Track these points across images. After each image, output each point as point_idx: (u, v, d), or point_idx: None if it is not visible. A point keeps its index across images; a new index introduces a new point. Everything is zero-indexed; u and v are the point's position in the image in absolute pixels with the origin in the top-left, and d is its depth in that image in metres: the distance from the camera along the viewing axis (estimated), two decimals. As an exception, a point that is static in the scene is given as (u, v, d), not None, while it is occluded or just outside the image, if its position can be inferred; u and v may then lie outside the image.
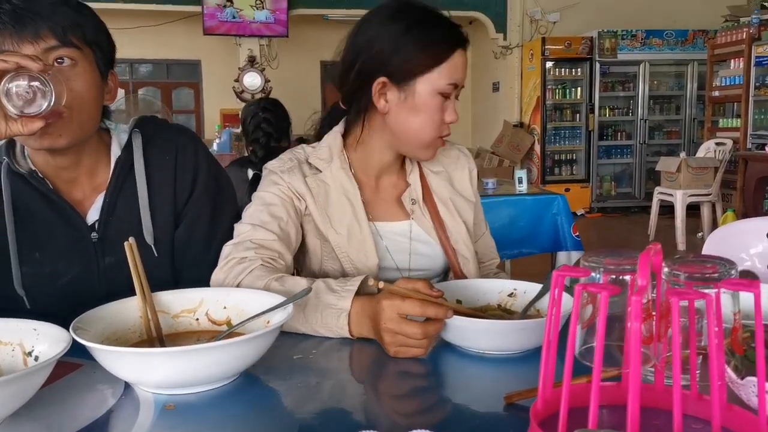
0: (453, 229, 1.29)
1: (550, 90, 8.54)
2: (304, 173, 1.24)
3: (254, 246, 1.14)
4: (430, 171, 1.34)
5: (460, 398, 0.84)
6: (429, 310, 0.90)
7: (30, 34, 0.99)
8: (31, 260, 1.12)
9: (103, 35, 1.11)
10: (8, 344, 0.85)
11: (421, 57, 1.15)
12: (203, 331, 1.00)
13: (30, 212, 1.12)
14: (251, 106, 2.89)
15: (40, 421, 0.76)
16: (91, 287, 1.15)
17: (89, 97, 1.07)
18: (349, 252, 1.22)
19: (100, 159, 1.18)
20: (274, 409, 0.82)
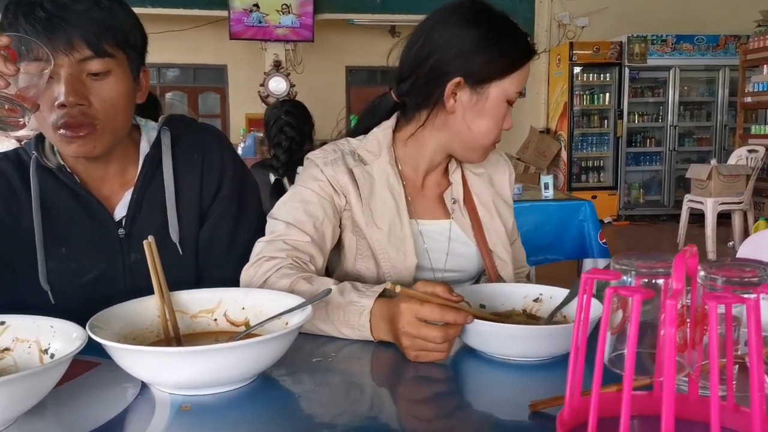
0: (492, 231, 1.28)
1: (578, 95, 8.44)
2: (349, 165, 1.23)
3: (287, 247, 1.13)
4: (472, 172, 1.32)
5: (484, 405, 0.81)
6: (448, 315, 0.87)
7: (63, 44, 0.98)
8: (57, 255, 1.11)
9: (136, 30, 1.10)
10: (25, 341, 0.84)
11: (499, 63, 1.15)
12: (221, 332, 0.99)
13: (57, 207, 1.12)
14: (273, 108, 2.89)
15: (54, 419, 0.75)
16: (116, 284, 1.14)
17: (121, 104, 1.07)
18: (389, 249, 1.20)
19: (129, 156, 1.18)
20: (292, 412, 0.80)
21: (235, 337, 0.92)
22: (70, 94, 0.98)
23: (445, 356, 0.90)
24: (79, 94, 0.99)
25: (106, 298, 1.01)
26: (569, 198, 3.59)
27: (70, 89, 0.98)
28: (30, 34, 0.98)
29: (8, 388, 0.67)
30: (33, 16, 0.98)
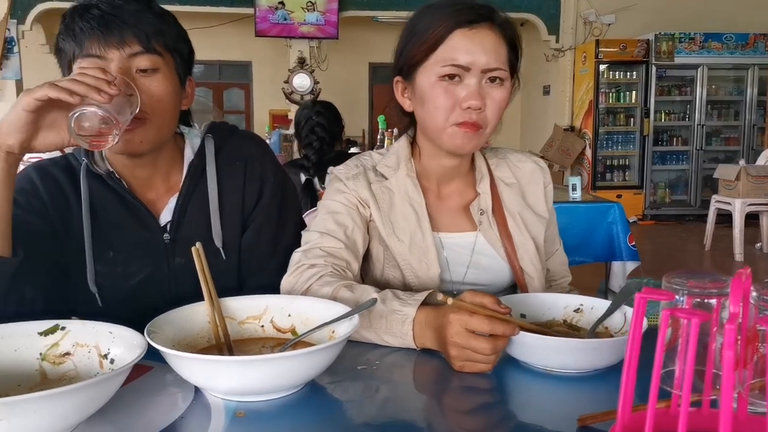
0: (520, 244, 1.25)
1: (604, 93, 8.38)
2: (369, 180, 1.25)
3: (323, 254, 1.15)
4: (503, 182, 1.29)
5: (530, 417, 0.82)
6: (497, 327, 0.88)
7: (116, 39, 1.03)
8: (105, 259, 1.15)
9: (183, 42, 1.15)
10: (85, 346, 0.87)
11: (416, 47, 1.15)
12: (268, 338, 1.01)
13: (105, 212, 1.16)
14: (305, 109, 2.91)
15: (115, 424, 0.77)
16: (160, 288, 1.18)
17: (168, 103, 1.10)
18: (411, 260, 1.21)
19: (174, 162, 1.21)
20: (342, 420, 0.81)
21: (284, 346, 0.94)
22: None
23: (491, 368, 0.91)
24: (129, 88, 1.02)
25: (151, 301, 1.08)
26: (598, 199, 3.56)
27: None
28: (85, 31, 1.03)
29: (74, 396, 0.69)
30: (88, 15, 1.03)
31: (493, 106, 1.13)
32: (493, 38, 1.12)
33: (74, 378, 0.85)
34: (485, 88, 1.12)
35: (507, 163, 1.32)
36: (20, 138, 0.93)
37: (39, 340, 0.87)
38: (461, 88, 1.12)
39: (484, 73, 1.11)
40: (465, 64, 1.11)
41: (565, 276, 1.41)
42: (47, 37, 10.00)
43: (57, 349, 0.87)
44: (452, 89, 1.12)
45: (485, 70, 1.11)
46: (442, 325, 0.93)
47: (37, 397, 0.65)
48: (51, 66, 3.98)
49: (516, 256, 1.24)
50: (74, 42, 1.04)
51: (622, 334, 0.99)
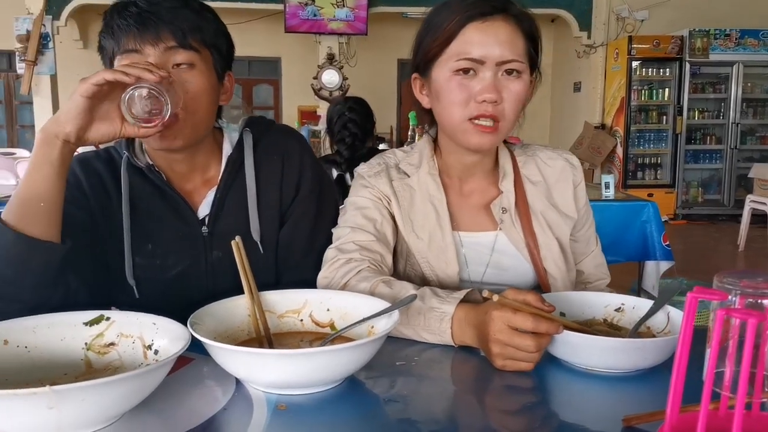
0: (543, 244, 1.22)
1: (636, 91, 8.25)
2: (391, 177, 1.25)
3: (358, 248, 1.16)
4: (528, 180, 1.26)
5: (573, 417, 0.81)
6: (541, 324, 0.87)
7: (151, 35, 1.05)
8: (144, 252, 1.17)
9: (222, 37, 1.15)
10: (129, 336, 0.88)
11: (431, 43, 1.14)
12: (307, 332, 1.01)
13: (145, 205, 1.17)
14: (337, 105, 2.93)
15: (158, 415, 0.78)
16: (198, 281, 1.19)
17: (205, 100, 1.11)
18: (429, 258, 1.21)
19: (212, 155, 1.22)
20: (382, 415, 0.81)
21: (324, 341, 0.95)
22: None
23: (532, 366, 0.90)
24: None
25: (188, 295, 1.10)
26: (631, 198, 3.51)
27: None
28: (122, 27, 1.05)
29: (123, 385, 0.70)
30: (126, 12, 1.05)
31: (511, 99, 1.11)
32: (508, 30, 1.10)
33: (119, 368, 0.87)
34: (501, 81, 1.11)
35: (535, 160, 1.28)
36: (77, 125, 0.95)
37: (84, 330, 0.89)
38: (476, 81, 1.10)
39: (499, 65, 1.10)
40: (478, 57, 1.09)
41: (603, 278, 1.36)
42: (81, 33, 10.18)
43: (102, 339, 0.88)
44: (467, 83, 1.11)
45: (500, 62, 1.10)
46: (484, 322, 0.92)
47: (89, 385, 0.66)
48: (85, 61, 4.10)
49: (540, 256, 1.22)
50: (113, 39, 1.07)
51: (664, 335, 0.98)
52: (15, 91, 10.57)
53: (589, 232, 1.34)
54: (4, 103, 10.81)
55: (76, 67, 10.10)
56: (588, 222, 1.33)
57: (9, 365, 0.82)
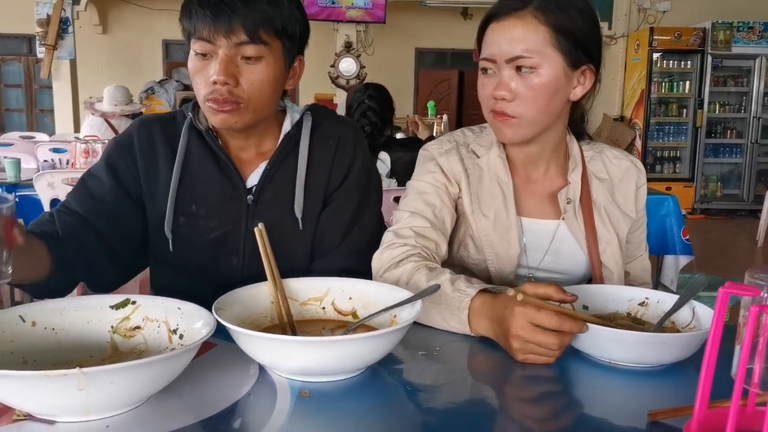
0: (603, 238, 1.24)
1: (656, 83, 8.16)
2: (462, 155, 1.27)
3: (414, 234, 1.18)
4: (595, 176, 1.28)
5: (596, 410, 0.81)
6: (565, 324, 0.87)
7: (224, 27, 1.08)
8: (188, 212, 1.20)
9: (295, 23, 1.16)
10: (155, 321, 0.89)
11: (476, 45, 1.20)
12: (329, 320, 1.02)
13: (197, 167, 1.21)
14: (357, 92, 2.92)
15: (183, 399, 0.79)
16: (234, 246, 1.22)
17: (267, 89, 1.14)
18: (493, 237, 1.22)
19: (271, 131, 1.26)
20: (403, 404, 0.81)
21: (347, 329, 0.95)
22: (221, 73, 1.08)
23: (553, 361, 0.90)
24: (229, 75, 1.09)
25: (223, 257, 1.19)
26: (651, 191, 3.46)
27: (222, 69, 1.08)
28: (199, 15, 1.09)
29: (150, 368, 0.71)
30: (205, 1, 1.08)
31: (525, 94, 1.13)
32: (522, 27, 1.12)
33: (144, 351, 0.88)
34: (514, 77, 1.14)
35: (602, 158, 1.31)
36: None
37: (110, 314, 0.89)
38: (494, 79, 1.16)
39: (509, 62, 1.13)
40: (490, 57, 1.15)
41: (646, 283, 1.36)
42: (101, 18, 10.23)
43: (128, 322, 0.89)
44: (487, 82, 1.17)
45: (509, 59, 1.13)
46: (503, 317, 0.92)
47: (118, 368, 0.67)
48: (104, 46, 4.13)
49: (597, 250, 1.24)
50: (189, 23, 1.11)
51: (689, 330, 0.97)
52: (35, 75, 10.66)
53: (642, 236, 1.35)
54: (24, 87, 10.91)
55: (95, 51, 10.17)
56: (642, 226, 1.35)
57: (37, 346, 0.83)
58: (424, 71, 11.01)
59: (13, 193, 3.01)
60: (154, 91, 9.36)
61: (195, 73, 1.13)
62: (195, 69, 1.12)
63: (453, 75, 10.81)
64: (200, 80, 1.11)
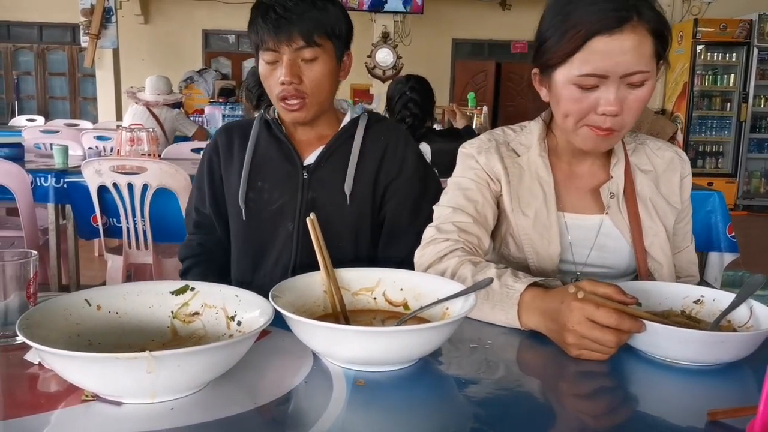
0: (650, 231, 1.23)
1: (699, 76, 7.99)
2: (501, 154, 1.27)
3: (456, 229, 1.20)
4: (638, 168, 1.28)
5: (654, 408, 0.80)
6: (624, 322, 0.86)
7: (285, 38, 1.29)
8: (256, 187, 1.43)
9: (342, 23, 1.36)
10: (213, 307, 0.91)
11: (554, 51, 1.11)
12: (380, 311, 1.03)
13: (265, 150, 1.44)
14: (398, 84, 2.92)
15: (242, 385, 0.81)
16: (293, 213, 1.41)
17: (325, 83, 1.35)
18: (533, 236, 1.22)
19: (330, 124, 1.46)
20: (455, 396, 0.81)
21: (401, 320, 0.96)
22: (287, 75, 1.30)
23: (607, 358, 0.90)
24: (294, 75, 1.31)
25: (283, 223, 1.41)
26: (696, 187, 3.38)
27: (287, 71, 1.30)
28: (263, 29, 1.30)
29: (215, 353, 0.73)
30: (267, 17, 1.30)
31: (631, 109, 1.10)
32: (636, 40, 1.05)
33: (203, 337, 0.90)
34: (623, 91, 1.08)
35: (645, 150, 1.30)
36: None
37: (170, 299, 0.92)
38: (598, 94, 1.09)
39: (623, 78, 1.07)
40: (602, 74, 1.07)
41: (692, 276, 1.35)
42: (142, 8, 10.39)
43: (187, 308, 0.91)
44: (587, 96, 1.10)
45: (624, 75, 1.07)
46: (557, 311, 0.91)
47: (184, 352, 0.69)
48: (145, 36, 4.22)
49: (642, 243, 1.22)
50: (257, 37, 1.32)
51: (746, 329, 0.96)
52: (78, 63, 10.89)
53: (687, 227, 1.34)
54: (68, 76, 11.16)
55: (136, 41, 10.34)
56: (688, 217, 1.33)
57: (101, 329, 0.86)
58: (461, 62, 10.94)
59: (62, 179, 3.09)
60: (193, 80, 9.50)
61: (266, 77, 1.34)
62: (266, 74, 1.34)
63: (490, 66, 10.73)
64: (271, 82, 1.34)
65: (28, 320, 0.77)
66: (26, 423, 0.69)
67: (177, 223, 2.81)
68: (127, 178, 2.77)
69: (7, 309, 0.90)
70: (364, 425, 0.72)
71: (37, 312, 0.80)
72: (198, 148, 3.99)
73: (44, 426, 0.69)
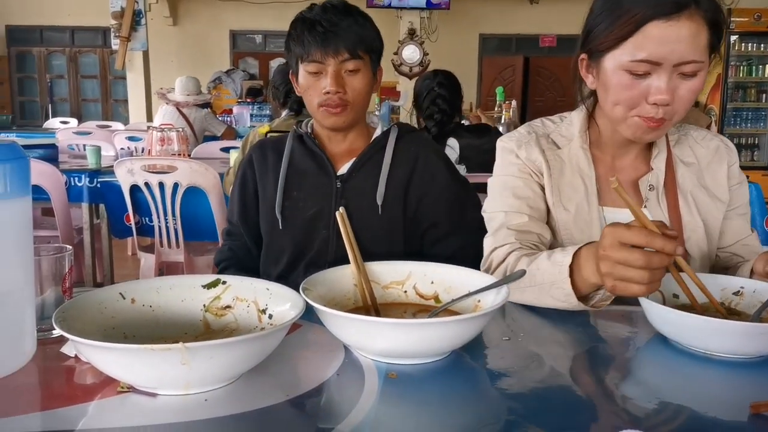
0: (688, 226, 1.20)
1: (734, 67, 7.80)
2: (542, 147, 1.25)
3: (512, 233, 1.19)
4: (681, 161, 1.24)
5: (693, 401, 0.78)
6: (655, 240, 0.83)
7: (332, 50, 1.36)
8: (291, 197, 1.48)
9: (377, 40, 1.44)
10: (244, 300, 0.92)
11: (606, 34, 1.09)
12: (410, 304, 1.02)
13: (299, 162, 1.49)
14: (426, 80, 2.90)
15: (274, 377, 0.81)
16: (327, 221, 1.44)
17: (364, 93, 1.42)
18: (573, 231, 1.20)
19: (362, 135, 1.51)
20: (488, 389, 0.81)
21: (432, 313, 0.95)
22: (333, 85, 1.37)
23: (645, 290, 0.86)
24: (339, 85, 1.38)
25: (317, 229, 1.44)
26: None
27: (333, 82, 1.37)
28: (311, 43, 1.36)
29: (247, 345, 0.73)
30: (314, 31, 1.36)
31: (682, 99, 1.07)
32: (692, 28, 1.03)
33: (235, 329, 0.90)
34: (676, 81, 1.06)
35: (688, 141, 1.27)
36: None
37: (202, 293, 0.92)
38: (649, 82, 1.07)
39: (676, 66, 1.05)
40: (656, 60, 1.05)
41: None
42: (171, 10, 10.52)
43: (219, 302, 0.92)
44: (638, 83, 1.08)
45: (678, 64, 1.04)
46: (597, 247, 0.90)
47: (217, 344, 0.69)
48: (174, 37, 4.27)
49: (682, 237, 1.19)
50: (302, 48, 1.38)
51: (788, 321, 0.93)
52: (109, 66, 11.08)
53: (743, 212, 1.28)
54: (99, 78, 11.35)
55: (165, 42, 10.47)
56: (742, 204, 1.28)
57: (136, 322, 0.87)
58: (488, 57, 10.86)
59: (95, 179, 3.14)
60: (221, 80, 9.58)
61: (308, 87, 1.40)
62: (308, 84, 1.40)
63: (518, 61, 10.62)
64: (313, 92, 1.40)
65: (64, 313, 0.78)
66: (64, 413, 0.70)
67: (207, 221, 2.84)
68: (159, 177, 2.81)
69: (43, 303, 0.91)
70: (396, 418, 0.71)
71: (72, 305, 0.82)
72: (227, 147, 4.03)
73: (81, 416, 0.70)
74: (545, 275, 1.02)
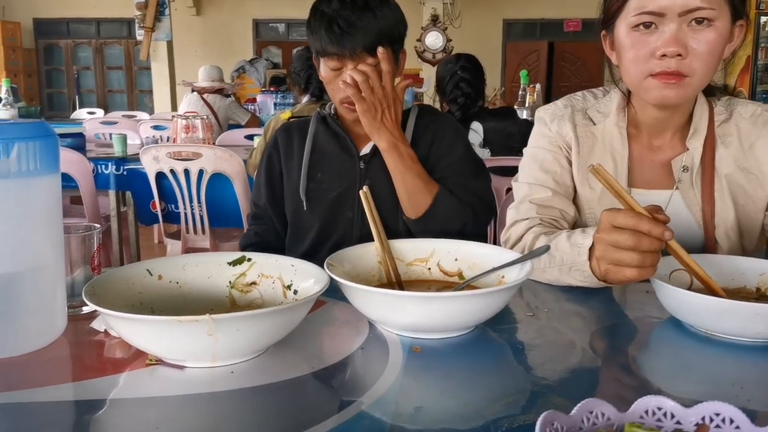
0: (719, 212, 1.15)
1: (763, 49, 7.62)
2: (575, 122, 1.24)
3: (534, 206, 1.19)
4: (721, 141, 1.16)
5: (725, 386, 0.77)
6: (643, 223, 0.83)
7: (349, 49, 1.34)
8: (315, 178, 1.48)
9: (400, 26, 1.40)
10: (269, 277, 0.92)
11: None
12: (434, 281, 1.02)
13: (323, 143, 1.49)
14: (449, 64, 2.88)
15: (300, 351, 0.82)
16: (351, 202, 1.45)
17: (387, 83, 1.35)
18: (597, 210, 1.19)
19: None
20: (512, 364, 0.80)
21: (455, 289, 0.95)
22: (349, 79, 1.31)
23: (637, 274, 0.85)
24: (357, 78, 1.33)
25: (341, 211, 1.45)
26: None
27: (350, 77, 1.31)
28: (328, 40, 1.35)
29: (272, 317, 0.74)
30: (331, 30, 1.34)
31: (699, 50, 1.03)
32: None
33: (260, 305, 0.91)
34: (687, 32, 1.03)
35: (734, 118, 1.18)
36: None
37: (228, 270, 0.93)
38: (657, 35, 1.04)
39: (683, 15, 1.02)
40: (657, 10, 1.03)
41: None
42: (194, 0, 10.58)
43: (244, 278, 0.93)
44: (645, 39, 1.05)
45: (684, 11, 1.01)
46: None
47: (243, 316, 0.70)
48: (198, 28, 4.29)
49: (713, 222, 1.15)
50: (320, 43, 1.37)
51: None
52: (134, 57, 11.19)
53: None
54: (125, 69, 11.49)
55: (189, 32, 10.55)
56: None
57: (163, 298, 0.88)
58: (512, 43, 10.76)
59: (122, 166, 3.19)
60: (245, 69, 9.63)
61: (329, 81, 1.40)
62: (329, 79, 1.39)
63: (542, 46, 10.51)
64: (335, 87, 1.39)
65: (93, 287, 0.79)
66: (95, 384, 0.72)
67: (232, 207, 2.87)
68: (184, 164, 2.84)
69: (73, 281, 0.93)
70: (420, 390, 0.72)
71: (101, 280, 0.83)
72: (251, 134, 4.05)
73: (112, 387, 0.71)
74: (565, 257, 1.01)
